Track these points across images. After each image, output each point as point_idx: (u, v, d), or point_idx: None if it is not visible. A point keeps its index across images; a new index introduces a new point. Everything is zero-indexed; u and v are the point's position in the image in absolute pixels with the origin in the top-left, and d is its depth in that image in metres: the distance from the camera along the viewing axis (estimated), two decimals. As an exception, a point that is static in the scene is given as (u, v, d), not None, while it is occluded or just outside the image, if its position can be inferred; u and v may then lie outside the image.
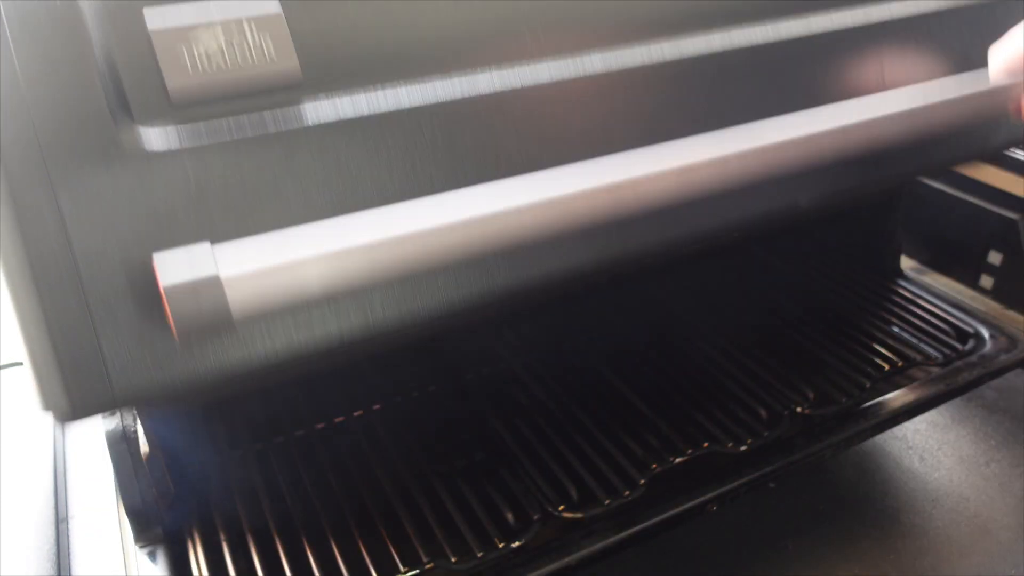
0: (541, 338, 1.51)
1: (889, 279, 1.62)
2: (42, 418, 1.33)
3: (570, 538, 1.09)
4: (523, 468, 1.21)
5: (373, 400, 1.36)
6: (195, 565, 1.07)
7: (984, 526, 1.07)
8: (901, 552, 1.04)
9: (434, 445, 1.27)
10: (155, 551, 1.08)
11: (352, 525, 1.11)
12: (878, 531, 1.08)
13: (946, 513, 1.10)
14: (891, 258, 1.64)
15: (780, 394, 1.33)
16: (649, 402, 1.33)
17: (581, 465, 1.20)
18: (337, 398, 1.37)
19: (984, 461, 1.18)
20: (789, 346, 1.46)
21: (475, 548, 1.07)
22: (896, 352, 1.42)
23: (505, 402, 1.35)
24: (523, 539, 1.10)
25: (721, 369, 1.40)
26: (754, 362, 1.41)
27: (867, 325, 1.49)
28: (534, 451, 1.24)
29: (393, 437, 1.27)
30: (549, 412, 1.31)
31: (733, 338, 1.48)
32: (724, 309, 1.58)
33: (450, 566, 1.06)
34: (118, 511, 1.14)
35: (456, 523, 1.11)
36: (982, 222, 1.65)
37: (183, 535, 1.12)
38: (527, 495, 1.16)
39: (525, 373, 1.41)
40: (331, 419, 1.33)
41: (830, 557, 1.04)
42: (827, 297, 1.58)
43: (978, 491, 1.13)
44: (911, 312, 1.52)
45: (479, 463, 1.23)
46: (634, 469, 1.19)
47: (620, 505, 1.14)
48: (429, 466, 1.22)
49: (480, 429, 1.30)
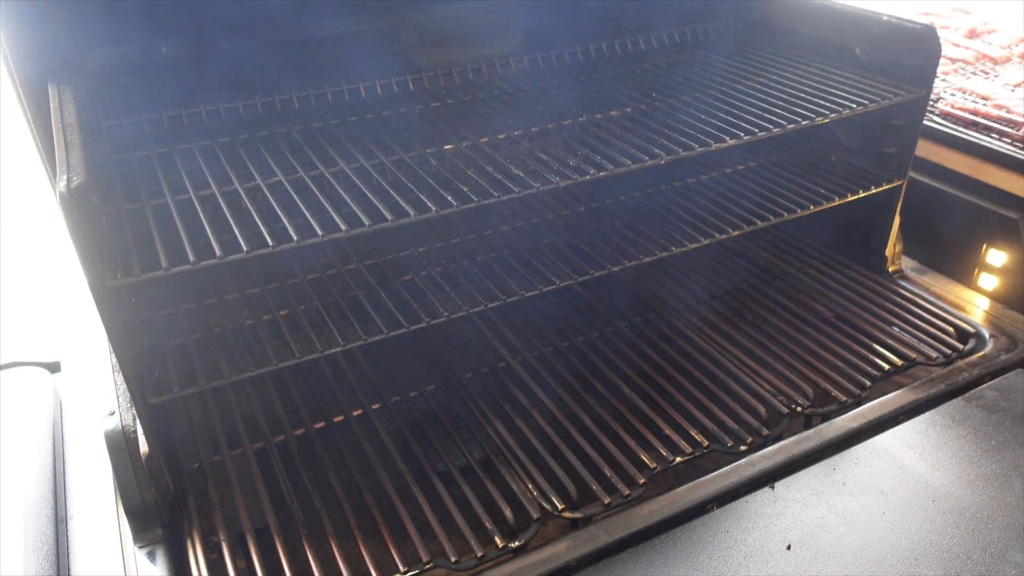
0: (541, 338, 1.51)
1: (889, 279, 1.62)
2: (42, 418, 1.33)
3: (570, 538, 1.09)
4: (523, 468, 1.20)
5: (373, 400, 1.36)
6: (195, 565, 1.07)
7: (984, 525, 1.07)
8: (901, 551, 1.04)
9: (434, 445, 1.27)
10: (155, 551, 1.08)
11: (352, 525, 1.11)
12: (879, 530, 1.07)
13: (946, 513, 1.10)
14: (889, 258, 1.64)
15: (780, 393, 1.33)
16: (649, 402, 1.33)
17: (581, 465, 1.20)
18: (337, 398, 1.37)
19: (984, 461, 1.17)
20: (789, 345, 1.46)
21: (475, 548, 1.07)
22: (896, 352, 1.42)
23: (505, 402, 1.35)
24: (523, 539, 1.10)
25: (721, 369, 1.40)
26: (754, 362, 1.41)
27: (867, 325, 1.49)
28: (534, 451, 1.24)
29: (393, 437, 1.27)
30: (549, 412, 1.31)
31: (733, 338, 1.48)
32: (725, 309, 1.58)
33: (450, 566, 1.06)
34: (118, 511, 1.14)
35: (456, 523, 1.11)
36: (982, 222, 1.65)
37: (183, 535, 1.12)
38: (527, 495, 1.16)
39: (525, 373, 1.41)
40: (331, 419, 1.33)
41: (830, 557, 1.04)
42: (827, 297, 1.58)
43: (978, 491, 1.13)
44: (911, 312, 1.52)
45: (479, 463, 1.23)
46: (634, 469, 1.19)
47: (620, 505, 1.14)
48: (429, 466, 1.22)
49: (480, 429, 1.30)
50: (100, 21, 1.21)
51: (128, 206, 1.13)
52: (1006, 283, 1.61)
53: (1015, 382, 1.34)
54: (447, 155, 1.29)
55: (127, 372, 1.02)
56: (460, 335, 1.53)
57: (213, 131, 1.31)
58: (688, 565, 1.04)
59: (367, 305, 1.24)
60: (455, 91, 1.49)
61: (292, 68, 1.38)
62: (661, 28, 1.70)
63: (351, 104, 1.42)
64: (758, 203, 1.49)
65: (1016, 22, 2.21)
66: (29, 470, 1.20)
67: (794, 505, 1.14)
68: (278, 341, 1.20)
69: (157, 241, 1.02)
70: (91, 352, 1.34)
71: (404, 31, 1.44)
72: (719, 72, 1.54)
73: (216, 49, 1.30)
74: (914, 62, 1.44)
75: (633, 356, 1.44)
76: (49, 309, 2.78)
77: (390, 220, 1.07)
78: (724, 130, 1.30)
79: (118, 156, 1.24)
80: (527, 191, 1.16)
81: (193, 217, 1.07)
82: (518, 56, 1.57)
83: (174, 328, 1.29)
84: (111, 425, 1.12)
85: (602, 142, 1.29)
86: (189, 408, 1.32)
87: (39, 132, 1.17)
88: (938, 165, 1.70)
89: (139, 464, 1.09)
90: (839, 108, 1.36)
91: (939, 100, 1.80)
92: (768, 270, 1.69)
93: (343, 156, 1.25)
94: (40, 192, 1.33)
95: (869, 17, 1.50)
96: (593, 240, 1.45)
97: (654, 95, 1.45)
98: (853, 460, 1.21)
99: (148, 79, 1.28)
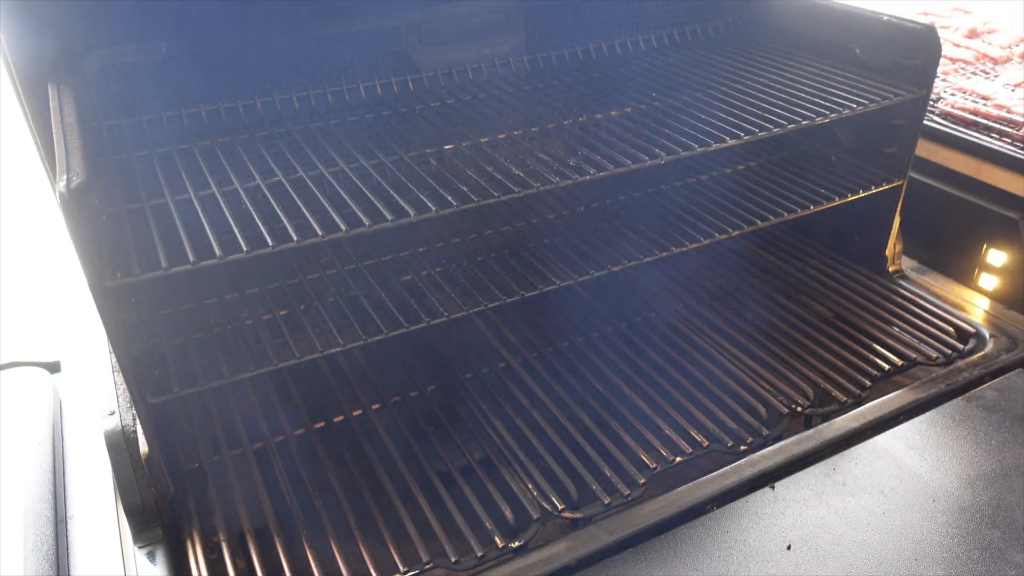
0: (541, 338, 1.51)
1: (889, 279, 1.62)
2: (42, 418, 1.33)
3: (570, 538, 1.09)
4: (523, 468, 1.20)
5: (373, 400, 1.36)
6: (195, 565, 1.07)
7: (984, 525, 1.07)
8: (901, 551, 1.04)
9: (434, 445, 1.26)
10: (155, 551, 1.08)
11: (352, 525, 1.11)
12: (879, 530, 1.07)
13: (946, 512, 1.10)
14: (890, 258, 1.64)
15: (780, 394, 1.33)
16: (649, 402, 1.33)
17: (581, 465, 1.20)
18: (337, 398, 1.37)
19: (984, 461, 1.17)
20: (789, 345, 1.46)
21: (475, 548, 1.07)
22: (896, 352, 1.42)
23: (505, 402, 1.35)
24: (523, 539, 1.10)
25: (721, 368, 1.40)
26: (755, 362, 1.41)
27: (867, 325, 1.49)
28: (534, 451, 1.24)
29: (393, 437, 1.27)
30: (549, 412, 1.31)
31: (734, 338, 1.48)
32: (725, 309, 1.58)
33: (450, 566, 1.06)
34: (118, 511, 1.14)
35: (456, 523, 1.11)
36: (982, 222, 1.65)
37: (183, 535, 1.12)
38: (527, 495, 1.16)
39: (525, 373, 1.41)
40: (331, 419, 1.33)
41: (830, 557, 1.04)
42: (827, 297, 1.58)
43: (978, 491, 1.13)
44: (911, 312, 1.52)
45: (479, 463, 1.23)
46: (634, 469, 1.19)
47: (620, 505, 1.14)
48: (429, 466, 1.22)
49: (480, 429, 1.29)
50: (100, 21, 1.21)
51: (128, 206, 1.13)
52: (1006, 283, 1.61)
53: (1015, 382, 1.34)
54: (447, 155, 1.29)
55: (127, 372, 1.02)
56: (460, 335, 1.53)
57: (213, 131, 1.31)
58: (688, 565, 1.04)
59: (367, 305, 1.24)
60: (455, 91, 1.49)
61: (292, 68, 1.38)
62: (661, 28, 1.70)
63: (351, 104, 1.42)
64: (758, 203, 1.49)
65: (1016, 22, 2.21)
66: (29, 470, 1.20)
67: (794, 505, 1.13)
68: (278, 341, 1.20)
69: (157, 241, 1.02)
70: (91, 352, 1.34)
71: (404, 31, 1.44)
72: (719, 72, 1.54)
73: (216, 49, 1.30)
74: (914, 62, 1.44)
75: (633, 356, 1.44)
76: (49, 309, 2.78)
77: (390, 220, 1.07)
78: (724, 130, 1.30)
79: (118, 156, 1.24)
80: (527, 191, 1.16)
81: (193, 217, 1.07)
82: (518, 56, 1.57)
83: (174, 328, 1.29)
84: (111, 425, 1.12)
85: (602, 142, 1.29)
86: (189, 408, 1.32)
87: (39, 132, 1.17)
88: (938, 165, 1.70)
89: (139, 464, 1.09)
90: (839, 108, 1.36)
91: (939, 100, 1.80)
92: (768, 270, 1.69)
93: (343, 156, 1.25)
94: (40, 192, 1.33)
95: (869, 17, 1.50)
96: (593, 240, 1.45)
97: (654, 95, 1.45)
98: (853, 460, 1.21)
99: (148, 79, 1.28)
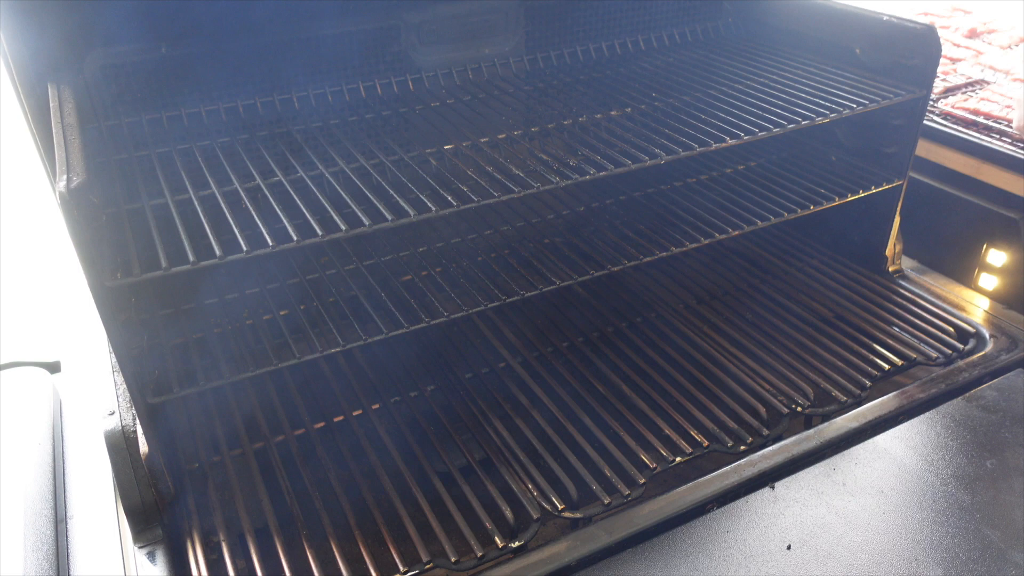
0: (541, 338, 1.51)
1: (889, 279, 1.62)
2: (42, 418, 1.33)
3: (570, 538, 1.09)
4: (523, 468, 1.20)
5: (373, 400, 1.36)
6: (195, 565, 1.07)
7: (984, 525, 1.07)
8: (901, 551, 1.04)
9: (434, 445, 1.26)
10: (155, 551, 1.08)
11: (352, 525, 1.11)
12: (879, 530, 1.07)
13: (946, 512, 1.10)
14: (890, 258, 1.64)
15: (780, 394, 1.33)
16: (649, 402, 1.33)
17: (581, 465, 1.20)
18: (337, 398, 1.37)
19: (984, 461, 1.17)
20: (789, 345, 1.46)
21: (475, 548, 1.07)
22: (896, 352, 1.42)
23: (505, 402, 1.35)
24: (523, 539, 1.10)
25: (721, 368, 1.40)
26: (754, 362, 1.41)
27: (867, 325, 1.49)
28: (534, 451, 1.24)
29: (393, 437, 1.27)
30: (549, 412, 1.31)
31: (733, 338, 1.48)
32: (725, 309, 1.58)
33: (450, 566, 1.06)
34: (118, 511, 1.14)
35: (456, 523, 1.11)
36: (982, 222, 1.65)
37: (183, 535, 1.12)
38: (527, 495, 1.16)
39: (525, 373, 1.41)
40: (331, 419, 1.33)
41: (830, 557, 1.04)
42: (827, 297, 1.58)
43: (978, 491, 1.13)
44: (911, 312, 1.52)
45: (479, 463, 1.23)
46: (634, 469, 1.19)
47: (620, 505, 1.14)
48: (429, 466, 1.21)
49: (480, 429, 1.29)
50: (99, 21, 1.21)
51: (128, 206, 1.13)
52: (1006, 283, 1.61)
53: (1015, 382, 1.34)
54: (447, 155, 1.29)
55: (127, 372, 1.02)
56: (460, 335, 1.53)
57: (213, 131, 1.31)
58: (688, 565, 1.04)
59: (367, 305, 1.24)
60: (455, 91, 1.49)
61: (292, 68, 1.38)
62: (661, 28, 1.70)
63: (351, 104, 1.42)
64: (758, 203, 1.49)
65: (1016, 22, 2.21)
66: (29, 470, 1.20)
67: (794, 505, 1.13)
68: (278, 341, 1.20)
69: (157, 241, 1.02)
70: (91, 352, 1.34)
71: (404, 31, 1.44)
72: (719, 72, 1.54)
73: (216, 49, 1.30)
74: (914, 62, 1.44)
75: (633, 356, 1.44)
76: (49, 309, 2.78)
77: (390, 220, 1.07)
78: (724, 130, 1.30)
79: (118, 156, 1.24)
80: (527, 191, 1.16)
81: (193, 217, 1.07)
82: (518, 56, 1.57)
83: (174, 328, 1.29)
84: (111, 425, 1.12)
85: (602, 142, 1.29)
86: (189, 408, 1.32)
87: (39, 132, 1.17)
88: (938, 165, 1.70)
89: (139, 464, 1.09)
90: (839, 108, 1.36)
91: (939, 100, 1.80)
92: (768, 270, 1.69)
93: (343, 156, 1.25)
94: (40, 192, 1.33)
95: (869, 17, 1.50)
96: (593, 240, 1.45)
97: (654, 95, 1.45)
98: (853, 460, 1.21)
99: (147, 79, 1.28)
